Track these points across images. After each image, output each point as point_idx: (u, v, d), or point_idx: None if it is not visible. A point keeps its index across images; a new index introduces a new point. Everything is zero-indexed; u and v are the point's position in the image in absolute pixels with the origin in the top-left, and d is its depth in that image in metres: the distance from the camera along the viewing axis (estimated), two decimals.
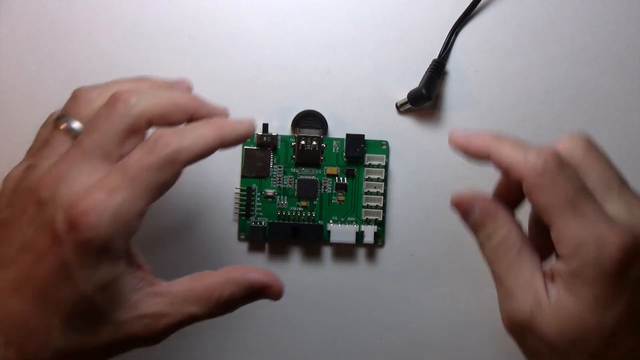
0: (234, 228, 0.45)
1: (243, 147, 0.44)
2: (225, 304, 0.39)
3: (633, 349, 0.36)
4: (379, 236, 0.46)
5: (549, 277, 0.37)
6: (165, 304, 0.37)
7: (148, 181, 0.35)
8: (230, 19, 0.45)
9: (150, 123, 0.37)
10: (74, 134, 0.38)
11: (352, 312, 0.47)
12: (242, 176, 0.45)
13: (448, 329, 0.47)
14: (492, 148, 0.38)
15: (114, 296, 0.36)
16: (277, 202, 0.45)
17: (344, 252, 0.46)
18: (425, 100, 0.44)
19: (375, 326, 0.47)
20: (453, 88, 0.47)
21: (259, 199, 0.45)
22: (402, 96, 0.45)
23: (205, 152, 0.37)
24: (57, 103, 0.44)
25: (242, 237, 0.45)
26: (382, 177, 0.45)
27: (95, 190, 0.34)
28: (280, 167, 0.45)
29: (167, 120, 0.38)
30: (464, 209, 0.39)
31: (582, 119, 0.47)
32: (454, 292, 0.47)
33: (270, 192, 0.45)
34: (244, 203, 0.44)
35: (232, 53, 0.45)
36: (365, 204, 0.45)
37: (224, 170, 0.45)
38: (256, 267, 0.39)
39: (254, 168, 0.44)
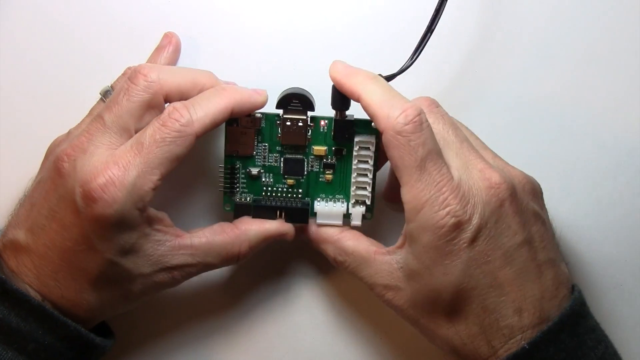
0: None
1: (226, 126, 0.43)
2: (243, 257, 0.42)
3: (480, 303, 0.37)
4: (367, 216, 0.44)
5: (401, 244, 0.39)
6: (187, 256, 0.40)
7: (161, 155, 0.37)
8: (230, 20, 0.46)
9: (168, 99, 0.39)
10: None
11: (352, 312, 0.47)
12: (226, 155, 0.44)
13: None
14: (363, 94, 0.39)
15: (137, 256, 0.38)
16: (263, 180, 0.44)
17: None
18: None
19: (375, 326, 0.47)
20: (453, 88, 0.46)
21: (243, 176, 0.44)
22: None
23: (217, 122, 0.39)
24: (56, 103, 0.46)
25: (228, 209, 0.44)
26: (372, 162, 0.43)
27: (111, 166, 0.36)
28: (265, 145, 0.44)
29: (184, 97, 0.39)
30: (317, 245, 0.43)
31: (582, 119, 0.46)
32: None
33: (254, 170, 0.44)
34: (228, 180, 0.44)
35: (232, 53, 0.46)
36: (354, 187, 0.43)
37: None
38: (268, 220, 0.43)
39: (238, 147, 0.43)
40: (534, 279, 0.38)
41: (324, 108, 0.43)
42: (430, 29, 0.42)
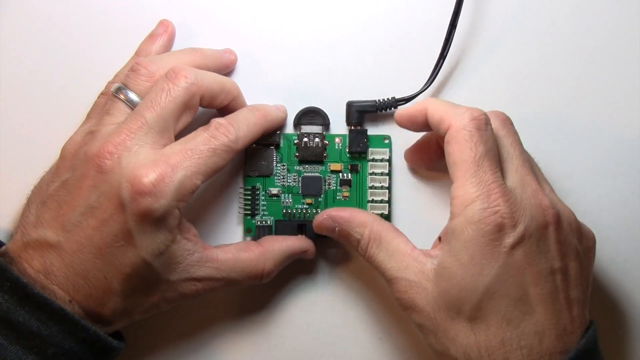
0: (239, 227, 0.45)
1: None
2: (267, 275, 0.42)
3: (506, 315, 0.37)
4: None
5: (435, 245, 0.40)
6: (213, 269, 0.40)
7: (208, 163, 0.39)
8: (230, 19, 0.47)
9: (202, 101, 0.41)
10: (132, 105, 0.40)
11: (352, 312, 0.46)
12: (246, 175, 0.44)
13: None
14: (429, 104, 0.41)
15: (168, 261, 0.38)
16: (282, 200, 0.45)
17: (344, 249, 0.46)
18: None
19: (375, 326, 0.46)
20: (453, 87, 0.47)
21: (263, 197, 0.44)
22: (402, 94, 0.45)
23: (253, 141, 0.42)
24: (56, 103, 0.46)
25: (248, 237, 0.45)
26: (386, 172, 0.45)
27: (161, 164, 0.37)
28: (283, 166, 0.45)
29: (214, 100, 0.42)
30: (326, 228, 0.43)
31: (582, 119, 0.47)
32: None
33: (274, 190, 0.44)
34: (249, 202, 0.44)
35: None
36: (370, 199, 0.44)
37: (228, 170, 0.45)
38: (290, 236, 0.43)
39: (257, 167, 0.44)
40: (561, 309, 0.37)
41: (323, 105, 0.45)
42: (442, 56, 0.44)
